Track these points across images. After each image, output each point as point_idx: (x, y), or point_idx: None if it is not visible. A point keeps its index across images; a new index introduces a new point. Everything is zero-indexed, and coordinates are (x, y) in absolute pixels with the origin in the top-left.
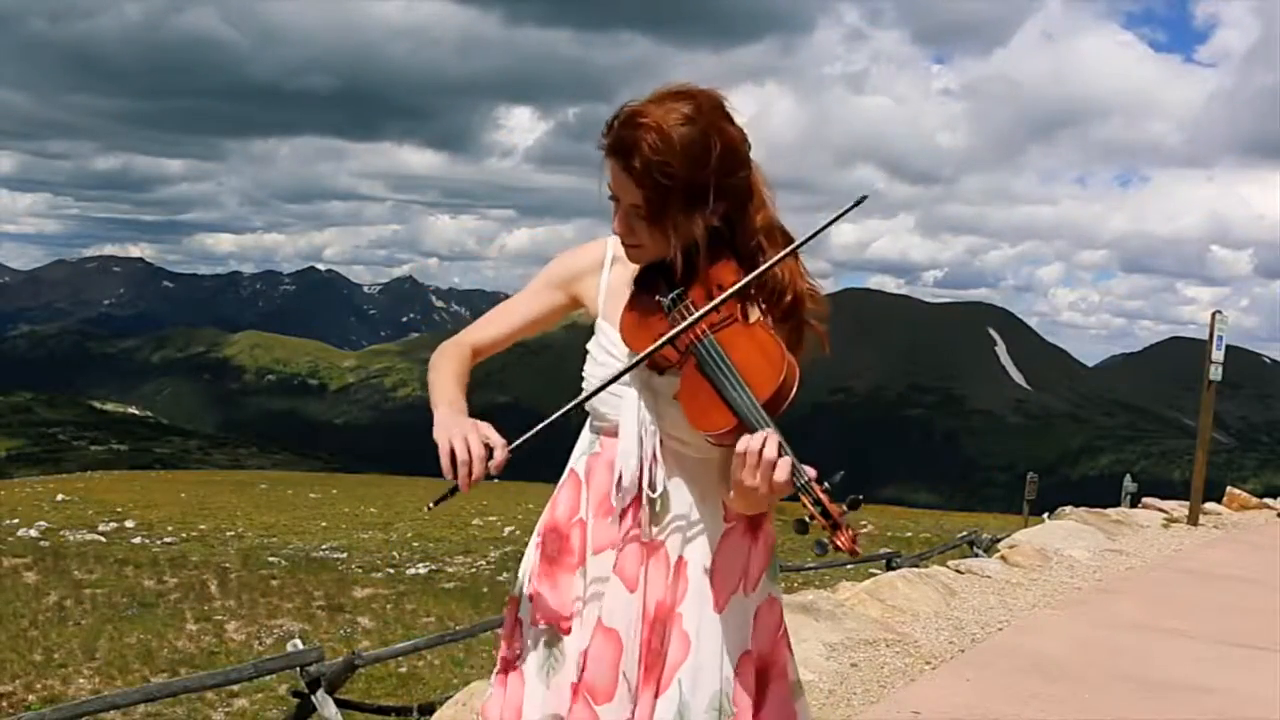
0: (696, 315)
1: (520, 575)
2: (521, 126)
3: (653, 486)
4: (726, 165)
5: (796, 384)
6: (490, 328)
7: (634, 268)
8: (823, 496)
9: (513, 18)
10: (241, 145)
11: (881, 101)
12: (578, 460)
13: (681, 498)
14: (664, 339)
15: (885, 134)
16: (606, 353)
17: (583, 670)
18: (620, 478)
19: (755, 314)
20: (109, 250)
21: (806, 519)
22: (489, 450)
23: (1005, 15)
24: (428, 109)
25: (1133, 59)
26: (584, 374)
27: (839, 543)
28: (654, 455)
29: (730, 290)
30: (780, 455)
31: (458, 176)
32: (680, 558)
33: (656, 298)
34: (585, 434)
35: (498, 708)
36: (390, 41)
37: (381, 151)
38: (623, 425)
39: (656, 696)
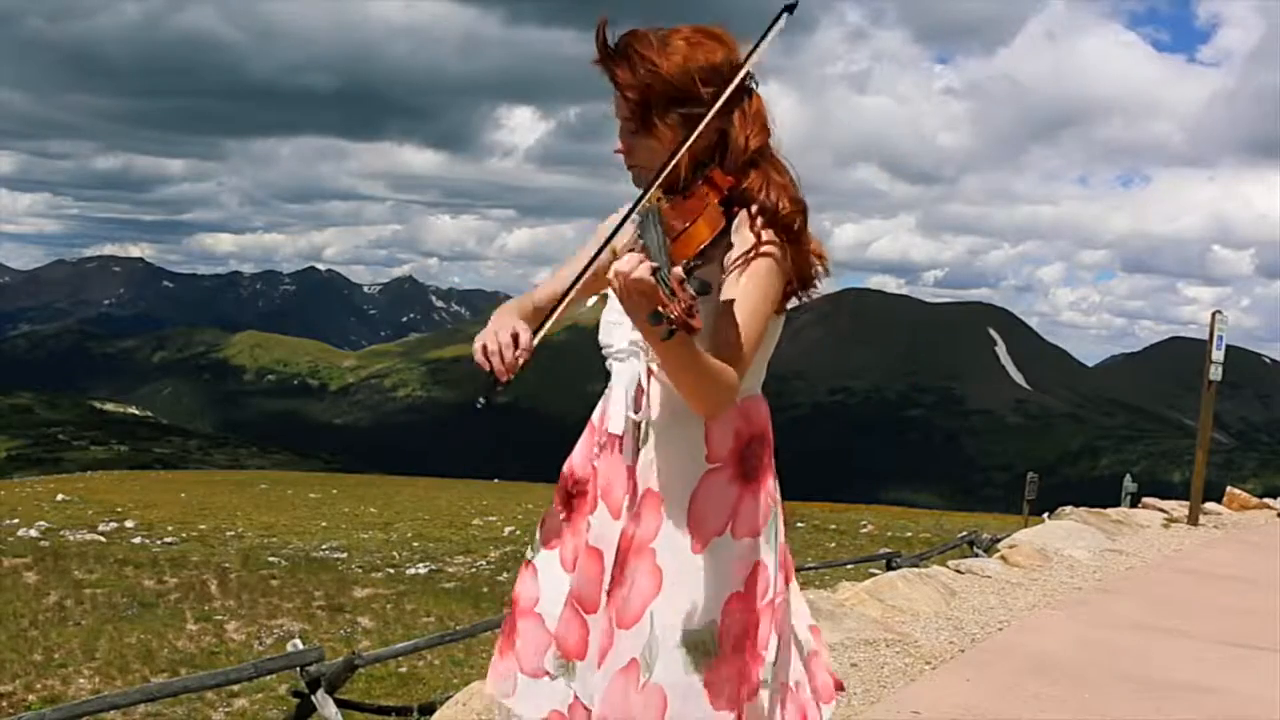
0: (644, 192)
1: (538, 534)
2: (522, 126)
3: (637, 410)
4: (707, 74)
5: (706, 240)
6: (553, 285)
7: None
8: (676, 285)
9: (514, 17)
10: (241, 145)
11: (883, 101)
12: (597, 408)
13: (664, 430)
14: (620, 219)
15: (887, 134)
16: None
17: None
18: (614, 401)
19: (745, 222)
20: (109, 250)
21: (660, 309)
22: (516, 338)
23: (1008, 15)
24: (428, 109)
25: (1135, 59)
26: (604, 318)
27: (672, 311)
28: (645, 379)
29: (668, 163)
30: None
31: (458, 176)
32: (653, 491)
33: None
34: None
35: (514, 662)
36: (391, 41)
37: (382, 151)
38: (616, 347)
39: (620, 625)
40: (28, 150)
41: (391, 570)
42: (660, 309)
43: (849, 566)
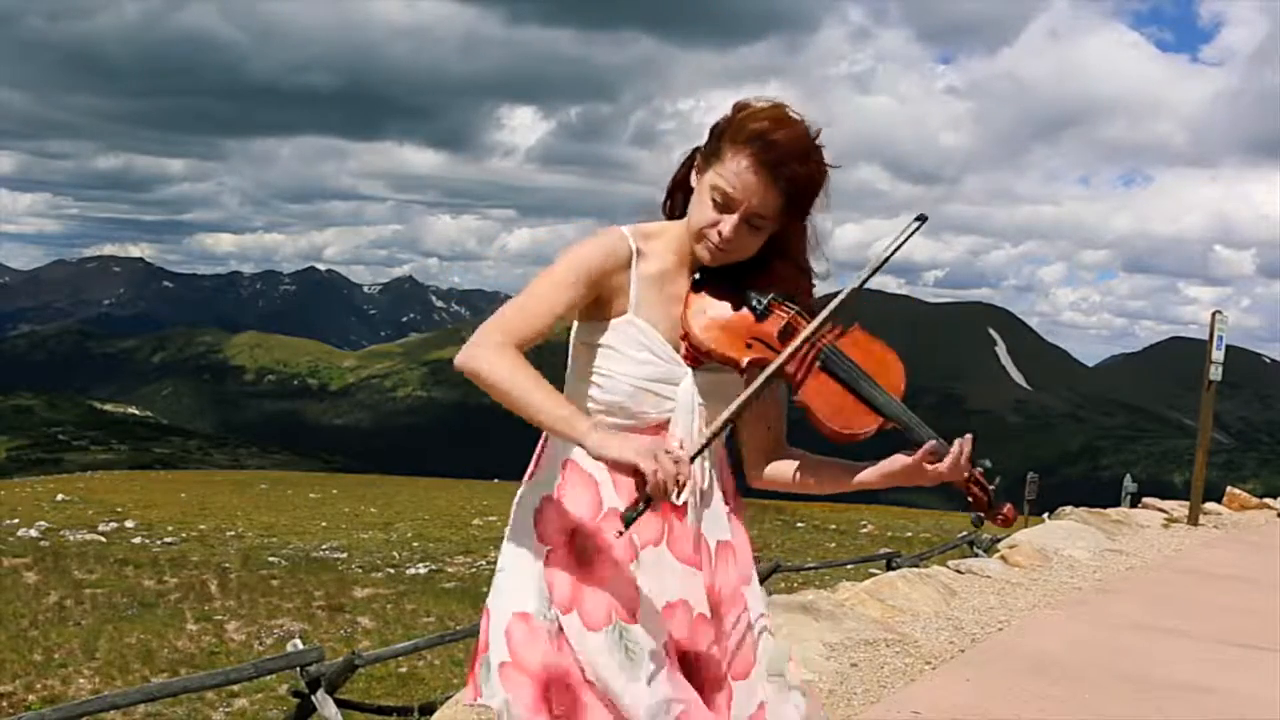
0: (821, 317)
1: (521, 591)
2: (523, 126)
3: (705, 479)
4: (823, 202)
5: None
6: (530, 323)
7: (659, 264)
8: (982, 479)
9: (515, 17)
10: (241, 145)
11: (885, 101)
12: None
13: (713, 488)
14: (800, 339)
15: (889, 134)
16: (648, 350)
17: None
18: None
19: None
20: (109, 250)
21: (969, 499)
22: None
23: (1011, 14)
24: (429, 108)
25: (1138, 58)
26: (605, 370)
27: (1005, 514)
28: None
29: (843, 294)
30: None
31: (459, 176)
32: (723, 541)
33: (752, 303)
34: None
35: None
36: (392, 40)
37: (382, 151)
38: (681, 421)
39: (735, 677)
40: (28, 150)
41: (391, 570)
42: (973, 501)
43: (849, 566)
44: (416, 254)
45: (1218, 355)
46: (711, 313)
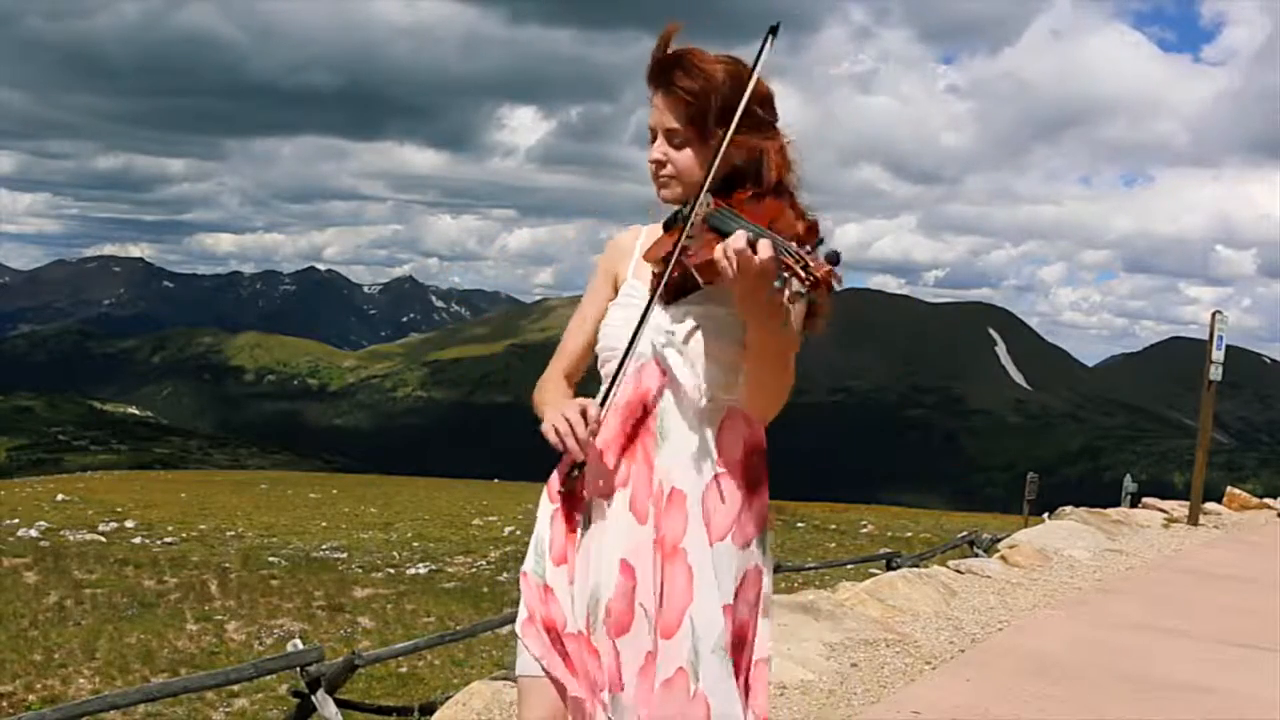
0: (702, 190)
1: (547, 548)
2: (524, 126)
3: (657, 415)
4: (755, 98)
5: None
6: (568, 343)
7: (657, 233)
8: (801, 252)
9: (515, 16)
10: (242, 145)
11: (886, 101)
12: None
13: (683, 433)
14: (688, 222)
15: (889, 134)
16: (629, 296)
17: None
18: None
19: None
20: (109, 250)
21: (785, 274)
22: (584, 413)
23: (1013, 14)
24: (430, 108)
25: (1140, 58)
26: (606, 322)
27: (814, 271)
28: (660, 384)
29: (720, 148)
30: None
31: (459, 176)
32: (676, 489)
33: (672, 219)
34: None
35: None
36: (392, 40)
37: (383, 151)
38: (636, 349)
39: (663, 636)
40: (28, 150)
41: (391, 570)
42: (789, 274)
43: (849, 566)
44: (416, 254)
45: (1218, 355)
46: (656, 241)
